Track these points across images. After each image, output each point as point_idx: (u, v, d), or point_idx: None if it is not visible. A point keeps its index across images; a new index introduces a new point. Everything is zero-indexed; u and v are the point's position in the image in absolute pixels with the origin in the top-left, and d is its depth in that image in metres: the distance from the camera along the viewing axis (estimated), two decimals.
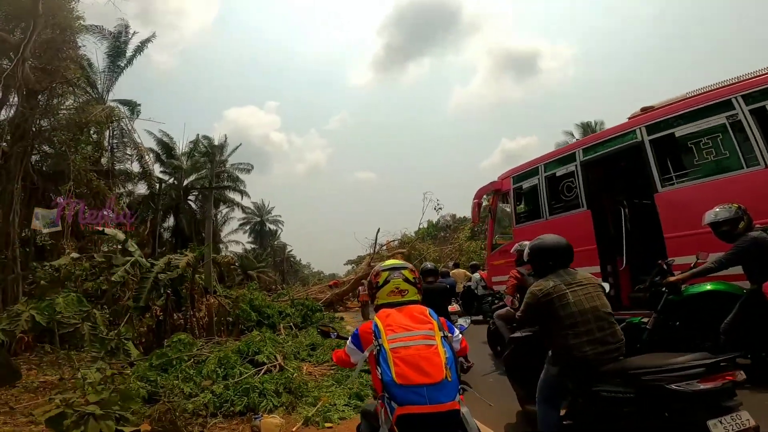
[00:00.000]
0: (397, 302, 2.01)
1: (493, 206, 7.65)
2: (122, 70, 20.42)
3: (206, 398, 4.51)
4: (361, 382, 5.43)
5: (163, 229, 27.44)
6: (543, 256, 2.66)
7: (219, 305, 11.53)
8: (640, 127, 5.36)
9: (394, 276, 2.05)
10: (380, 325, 1.84)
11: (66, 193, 14.70)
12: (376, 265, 2.20)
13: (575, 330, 2.37)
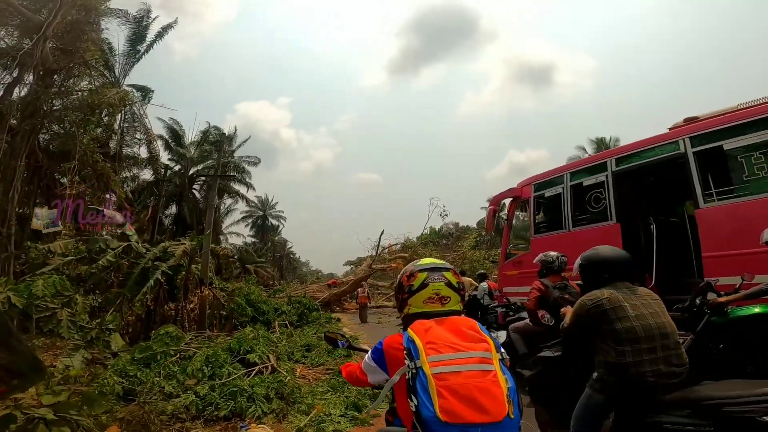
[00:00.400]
0: (435, 312, 1.54)
1: (510, 214, 7.25)
2: (141, 55, 20.34)
3: (188, 399, 4.08)
4: (359, 391, 4.99)
5: (164, 216, 27.23)
6: (599, 268, 2.41)
7: (214, 298, 11.12)
8: (684, 138, 4.97)
9: (434, 278, 1.57)
10: (418, 341, 1.37)
11: (69, 172, 14.68)
12: (409, 264, 1.72)
13: (635, 346, 2.06)
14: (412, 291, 1.58)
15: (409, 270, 1.65)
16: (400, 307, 1.64)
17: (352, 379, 1.75)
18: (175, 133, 26.84)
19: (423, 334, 1.40)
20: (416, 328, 1.44)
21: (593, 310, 2.22)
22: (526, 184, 7.03)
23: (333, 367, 6.42)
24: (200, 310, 10.27)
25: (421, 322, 1.46)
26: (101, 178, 16.12)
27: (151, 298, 9.43)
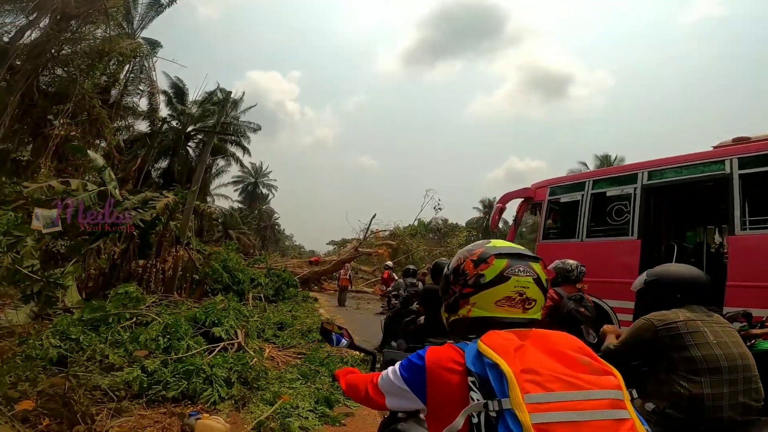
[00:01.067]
0: (513, 320, 1.02)
1: (519, 215, 6.75)
2: (163, 9, 19.89)
3: (132, 374, 3.49)
4: (332, 384, 4.48)
5: (153, 169, 26.48)
6: (670, 287, 2.14)
7: (189, 259, 10.45)
8: (732, 159, 4.58)
9: (518, 270, 1.03)
10: (505, 366, 0.85)
11: (62, 114, 14.19)
12: (473, 245, 1.15)
13: (714, 377, 1.82)
14: (482, 284, 1.04)
15: (476, 252, 1.08)
16: (452, 305, 1.11)
17: (356, 395, 1.21)
18: (180, 90, 26.32)
19: (510, 355, 0.87)
20: (495, 343, 0.90)
21: (664, 332, 1.95)
22: (541, 186, 6.55)
23: (305, 351, 5.91)
24: (172, 271, 9.63)
25: (498, 335, 0.93)
26: (95, 123, 15.76)
27: (118, 252, 8.76)
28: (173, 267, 9.56)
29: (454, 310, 1.10)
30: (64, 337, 4.06)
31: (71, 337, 4.07)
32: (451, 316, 1.12)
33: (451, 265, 1.14)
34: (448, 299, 1.13)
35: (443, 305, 1.16)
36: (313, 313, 9.70)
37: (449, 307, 1.12)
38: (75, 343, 4.02)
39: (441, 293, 1.20)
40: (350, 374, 1.32)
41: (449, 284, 1.13)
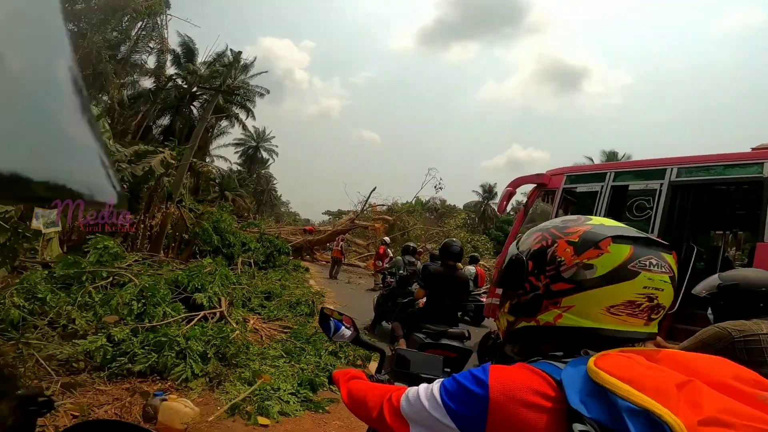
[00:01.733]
0: (630, 335, 0.70)
1: (530, 201, 6.36)
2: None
3: (96, 343, 3.15)
4: (318, 365, 4.19)
5: (155, 125, 25.91)
6: (753, 295, 1.88)
7: (180, 217, 10.06)
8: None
9: (650, 264, 0.68)
10: (672, 419, 0.49)
11: None
12: (567, 219, 0.79)
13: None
14: (589, 280, 0.69)
15: (575, 230, 0.74)
16: (527, 306, 0.76)
17: (362, 412, 0.87)
18: (190, 50, 25.66)
19: (674, 397, 0.53)
20: (635, 375, 0.57)
21: (741, 345, 1.73)
22: (556, 174, 6.15)
23: (292, 326, 5.62)
24: (160, 229, 9.24)
25: (629, 358, 0.61)
26: (99, 76, 15.34)
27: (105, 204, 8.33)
28: (161, 224, 9.17)
29: (529, 312, 0.76)
30: (30, 296, 3.70)
31: (38, 296, 3.71)
32: (521, 321, 0.78)
33: (527, 246, 0.79)
34: (518, 296, 0.79)
35: (506, 303, 0.82)
36: (303, 283, 9.41)
37: (520, 308, 0.78)
38: (42, 303, 3.66)
39: (501, 284, 0.86)
40: (354, 380, 0.98)
41: (522, 274, 0.78)
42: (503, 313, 0.84)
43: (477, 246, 19.40)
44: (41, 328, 3.14)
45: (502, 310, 0.84)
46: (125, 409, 2.56)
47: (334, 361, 4.40)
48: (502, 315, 0.84)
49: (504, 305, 0.84)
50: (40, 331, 3.11)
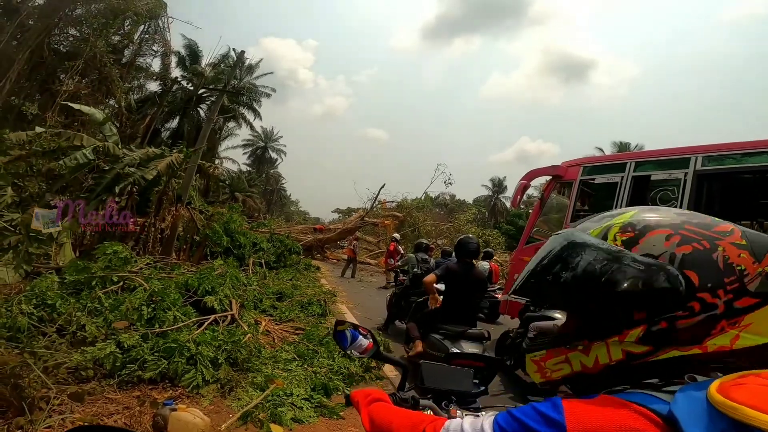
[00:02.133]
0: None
1: (546, 194, 6.18)
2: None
3: (105, 350, 3.08)
4: (332, 368, 4.09)
5: (163, 129, 26.21)
6: None
7: (190, 219, 10.06)
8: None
9: None
10: None
11: (72, 71, 14.02)
12: (703, 220, 0.64)
13: None
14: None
15: (741, 233, 0.62)
16: (696, 331, 0.59)
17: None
18: (194, 52, 25.86)
19: None
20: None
21: None
22: (573, 165, 5.98)
23: (304, 326, 5.53)
24: (171, 231, 9.24)
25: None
26: (104, 81, 15.46)
27: (116, 208, 8.35)
28: (172, 226, 9.17)
29: (691, 338, 0.59)
30: (40, 302, 3.66)
31: (47, 302, 3.66)
32: (668, 351, 0.60)
33: (664, 249, 0.61)
34: (669, 320, 0.59)
35: (630, 330, 0.61)
36: (314, 283, 9.34)
37: (669, 335, 0.60)
38: (51, 309, 3.62)
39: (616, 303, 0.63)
40: (377, 404, 0.86)
41: (679, 291, 0.59)
42: (614, 344, 0.62)
43: (489, 241, 19.18)
44: (50, 335, 3.08)
45: (607, 340, 0.63)
46: (135, 419, 2.49)
47: (347, 363, 4.29)
48: (603, 347, 0.63)
49: (612, 334, 0.62)
50: (49, 338, 3.04)
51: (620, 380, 0.59)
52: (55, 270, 5.48)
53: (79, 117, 13.93)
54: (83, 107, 10.28)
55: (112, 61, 14.85)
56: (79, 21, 13.84)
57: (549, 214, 6.40)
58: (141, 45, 18.96)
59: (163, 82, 22.35)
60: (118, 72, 15.66)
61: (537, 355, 0.72)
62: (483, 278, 4.30)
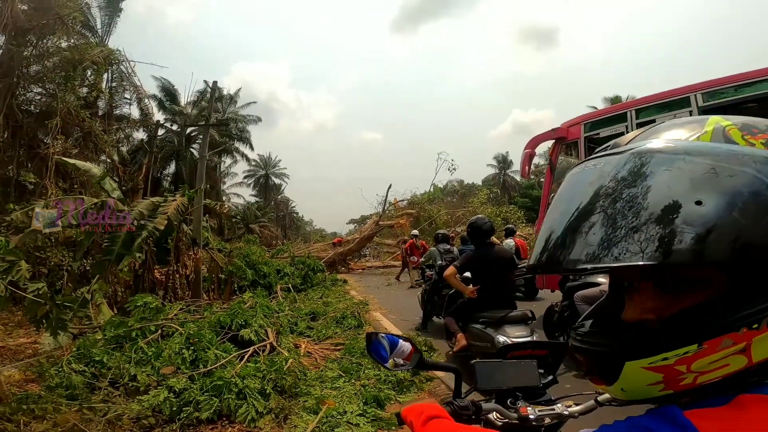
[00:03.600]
0: None
1: (554, 158, 6.11)
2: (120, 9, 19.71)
3: (159, 397, 3.11)
4: (379, 377, 4.04)
5: (163, 176, 26.63)
6: None
7: (211, 260, 10.20)
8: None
9: None
10: None
11: (52, 130, 14.11)
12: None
13: None
14: None
15: None
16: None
17: None
18: (170, 93, 26.14)
19: None
20: None
21: None
22: (573, 124, 5.90)
23: (343, 341, 5.51)
24: (195, 274, 9.37)
25: None
26: (89, 137, 15.65)
27: (138, 263, 8.50)
28: (195, 269, 9.30)
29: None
30: (88, 360, 3.77)
31: (95, 358, 3.76)
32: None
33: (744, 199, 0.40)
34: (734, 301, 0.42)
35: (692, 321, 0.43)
36: (344, 296, 9.33)
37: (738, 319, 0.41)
38: (101, 365, 3.72)
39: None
40: (435, 422, 0.75)
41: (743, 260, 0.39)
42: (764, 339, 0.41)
43: (508, 218, 18.92)
44: (104, 388, 3.16)
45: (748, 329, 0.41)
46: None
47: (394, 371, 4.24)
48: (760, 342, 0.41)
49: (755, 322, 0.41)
50: (103, 392, 3.12)
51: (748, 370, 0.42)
52: (98, 328, 5.62)
53: (77, 179, 14.25)
54: (78, 162, 10.54)
55: (89, 115, 14.82)
56: (40, 77, 13.81)
57: (561, 179, 6.31)
58: (112, 94, 18.93)
59: (148, 127, 22.26)
60: (100, 125, 15.56)
61: (673, 355, 0.43)
62: (509, 256, 4.22)
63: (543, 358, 2.07)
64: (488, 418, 1.05)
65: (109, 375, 3.46)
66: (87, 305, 5.96)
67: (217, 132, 25.20)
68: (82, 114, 14.82)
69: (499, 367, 1.21)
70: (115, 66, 18.37)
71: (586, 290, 3.88)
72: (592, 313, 0.58)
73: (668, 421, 0.38)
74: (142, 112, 21.48)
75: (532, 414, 1.02)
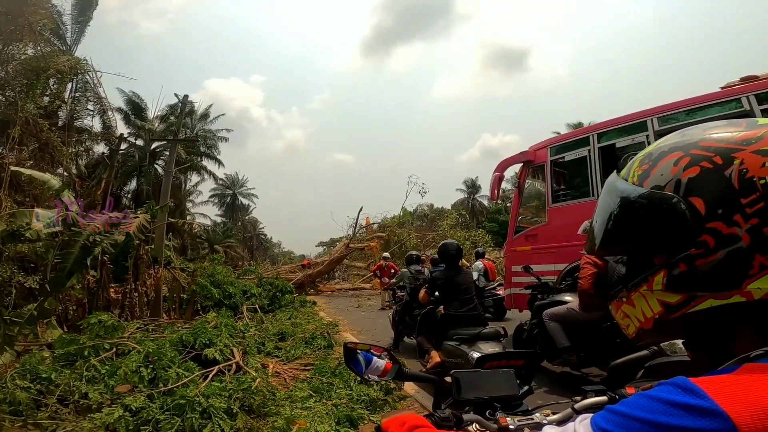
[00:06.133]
0: None
1: (521, 181, 6.30)
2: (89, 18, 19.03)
3: (114, 415, 2.87)
4: (351, 397, 3.91)
5: (123, 193, 25.49)
6: None
7: (173, 279, 9.74)
8: (748, 96, 4.47)
9: None
10: None
11: (10, 141, 13.40)
12: (730, 125, 0.53)
13: None
14: None
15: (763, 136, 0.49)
16: (725, 273, 0.48)
17: None
18: (137, 106, 25.17)
19: None
20: None
21: None
22: (540, 148, 6.16)
23: (313, 361, 5.33)
24: (155, 293, 8.90)
25: None
26: (45, 148, 14.90)
27: (93, 280, 8.00)
28: (155, 289, 8.85)
29: (723, 282, 0.48)
30: (34, 377, 3.45)
31: (42, 375, 3.46)
32: (703, 301, 0.50)
33: (664, 179, 0.53)
34: (686, 260, 0.50)
35: (653, 276, 0.53)
36: (313, 317, 9.10)
37: (697, 280, 0.50)
38: (48, 382, 3.42)
39: (621, 248, 0.61)
40: (419, 431, 0.72)
41: (685, 223, 0.50)
42: (648, 294, 0.55)
43: (476, 242, 19.26)
44: (51, 405, 2.89)
45: (640, 290, 0.55)
46: None
47: (366, 390, 4.12)
48: (641, 298, 0.56)
49: (641, 282, 0.55)
50: (50, 409, 2.86)
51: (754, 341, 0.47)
52: (46, 346, 5.19)
53: (30, 192, 13.42)
54: (35, 173, 9.93)
55: (48, 126, 14.08)
56: (2, 84, 13.23)
57: (529, 202, 6.53)
58: (74, 104, 18.16)
59: (109, 141, 21.18)
60: (59, 137, 14.80)
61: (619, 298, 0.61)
62: (471, 276, 4.39)
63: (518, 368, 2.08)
64: (468, 430, 1.03)
65: (58, 392, 3.18)
66: (35, 322, 5.54)
67: (184, 149, 24.49)
68: (41, 124, 14.22)
69: (479, 377, 1.22)
70: (81, 76, 17.77)
71: (554, 308, 3.97)
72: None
73: (677, 387, 0.41)
74: (105, 124, 20.53)
75: (512, 424, 1.01)
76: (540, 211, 6.26)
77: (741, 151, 0.49)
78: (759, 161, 0.47)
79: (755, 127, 0.51)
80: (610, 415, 0.43)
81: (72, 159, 17.40)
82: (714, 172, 0.49)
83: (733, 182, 0.47)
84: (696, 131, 0.55)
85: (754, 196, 0.46)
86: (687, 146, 0.53)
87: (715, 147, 0.50)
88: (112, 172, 20.12)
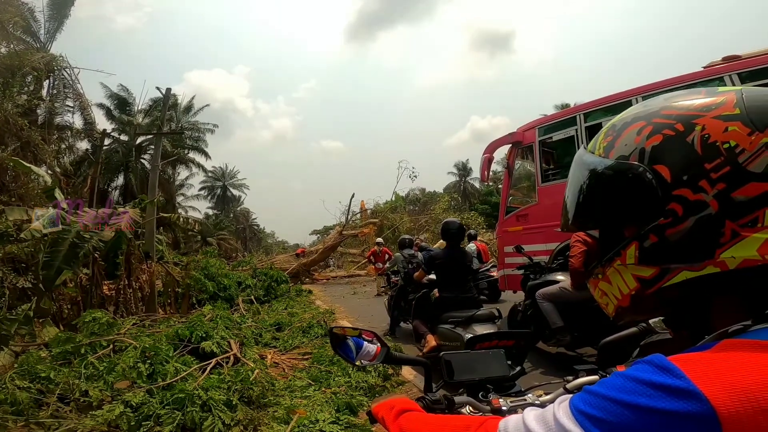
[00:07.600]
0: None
1: (510, 162, 6.32)
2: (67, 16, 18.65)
3: (115, 411, 2.89)
4: (350, 384, 3.97)
5: (111, 189, 25.13)
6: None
7: (167, 274, 9.69)
8: (731, 75, 4.53)
9: None
10: None
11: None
12: (692, 93, 0.54)
13: None
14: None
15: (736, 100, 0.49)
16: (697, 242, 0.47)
17: None
18: (121, 101, 24.85)
19: None
20: None
21: None
22: (528, 129, 6.18)
23: (311, 350, 5.37)
24: (150, 288, 8.86)
25: None
26: (27, 146, 14.64)
27: (86, 278, 7.94)
28: (149, 284, 8.81)
29: (695, 253, 0.48)
30: (33, 377, 3.46)
31: (41, 375, 3.46)
32: (677, 274, 0.50)
33: (627, 149, 0.54)
34: (656, 231, 0.50)
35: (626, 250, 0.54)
36: (310, 306, 9.15)
37: (668, 251, 0.50)
38: (47, 381, 3.42)
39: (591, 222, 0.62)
40: (407, 415, 0.71)
41: (652, 193, 0.50)
42: (622, 269, 0.55)
43: (469, 224, 19.40)
44: (53, 404, 2.92)
45: (614, 265, 0.55)
46: None
47: (364, 376, 4.16)
48: (616, 273, 0.56)
49: (614, 257, 0.55)
50: (51, 408, 2.89)
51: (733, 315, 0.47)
52: (42, 345, 5.18)
53: (15, 191, 13.18)
54: (33, 167, 9.74)
55: (27, 124, 13.85)
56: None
57: (519, 183, 6.57)
58: (53, 102, 17.84)
59: (92, 137, 20.96)
60: (39, 134, 14.52)
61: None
62: (470, 257, 4.36)
63: (509, 348, 2.08)
64: (461, 412, 1.04)
65: (57, 391, 3.19)
66: (30, 322, 5.52)
67: (170, 142, 24.08)
68: (21, 122, 13.94)
69: (470, 359, 1.23)
70: (57, 72, 17.40)
71: (546, 288, 4.02)
72: None
73: (653, 366, 0.40)
74: (86, 120, 20.32)
75: (505, 405, 1.01)
76: (530, 191, 6.30)
77: (702, 117, 0.49)
78: (721, 126, 0.48)
79: (715, 94, 0.52)
80: (587, 396, 0.43)
81: (54, 157, 17.09)
82: (676, 139, 0.49)
83: (696, 148, 0.48)
84: (658, 101, 0.56)
85: (719, 160, 0.46)
86: (649, 115, 0.54)
87: (676, 114, 0.51)
88: (98, 169, 19.83)
